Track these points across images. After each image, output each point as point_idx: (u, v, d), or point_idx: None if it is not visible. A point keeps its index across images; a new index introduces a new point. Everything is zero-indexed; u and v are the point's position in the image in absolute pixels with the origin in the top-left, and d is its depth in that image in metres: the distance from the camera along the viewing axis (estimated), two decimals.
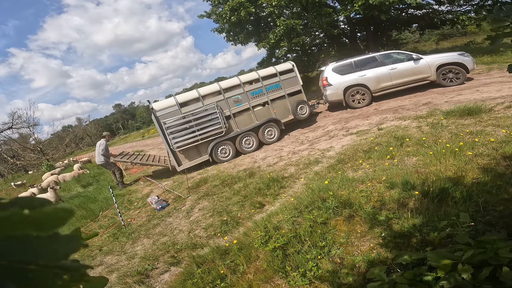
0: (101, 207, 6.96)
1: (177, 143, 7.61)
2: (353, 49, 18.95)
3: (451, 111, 5.98)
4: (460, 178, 3.37)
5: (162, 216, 5.49)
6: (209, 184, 6.44)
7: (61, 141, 32.66)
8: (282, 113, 9.05)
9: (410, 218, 2.92)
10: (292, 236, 3.20)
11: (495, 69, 9.92)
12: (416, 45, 34.02)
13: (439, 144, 4.51)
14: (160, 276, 3.66)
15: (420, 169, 3.93)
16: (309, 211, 3.58)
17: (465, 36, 32.62)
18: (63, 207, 0.42)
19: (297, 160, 6.29)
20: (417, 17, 17.20)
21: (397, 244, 2.63)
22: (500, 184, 3.04)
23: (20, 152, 24.99)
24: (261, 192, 5.04)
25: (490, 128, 4.77)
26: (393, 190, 3.57)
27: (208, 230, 4.39)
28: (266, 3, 14.57)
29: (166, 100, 7.99)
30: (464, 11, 16.09)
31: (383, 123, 6.88)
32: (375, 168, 4.46)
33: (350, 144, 6.10)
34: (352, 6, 13.70)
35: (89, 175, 12.46)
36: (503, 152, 3.77)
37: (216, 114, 7.94)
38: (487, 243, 1.72)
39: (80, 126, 63.91)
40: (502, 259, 1.56)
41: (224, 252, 3.52)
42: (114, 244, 4.95)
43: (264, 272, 2.93)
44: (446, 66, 8.80)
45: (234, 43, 19.03)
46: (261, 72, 8.97)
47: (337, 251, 2.86)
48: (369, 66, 9.49)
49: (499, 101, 6.02)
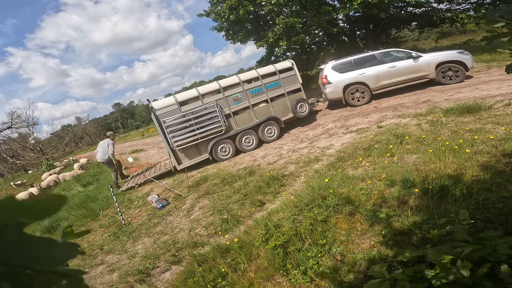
0: (102, 206, 6.98)
1: (177, 142, 7.61)
2: (352, 47, 18.95)
3: (450, 109, 5.99)
4: (460, 176, 3.38)
5: (163, 215, 5.51)
6: (209, 182, 6.45)
7: (60, 141, 32.60)
8: (282, 111, 9.06)
9: (410, 215, 2.93)
10: (292, 234, 3.21)
11: (495, 67, 9.92)
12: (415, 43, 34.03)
13: (439, 142, 4.52)
14: (161, 274, 3.68)
15: (420, 167, 3.94)
16: (310, 209, 3.59)
17: (464, 34, 32.55)
18: (56, 194, 0.42)
19: (297, 158, 6.30)
20: (416, 15, 17.22)
21: (397, 242, 2.64)
22: (500, 181, 3.05)
23: (19, 151, 24.98)
24: (261, 190, 5.06)
25: (489, 125, 4.78)
26: (393, 187, 3.58)
27: (208, 228, 4.40)
28: (265, 2, 14.56)
29: (166, 99, 7.98)
30: (463, 9, 16.12)
31: (383, 121, 6.89)
32: (375, 166, 4.47)
33: (350, 142, 6.11)
34: (351, 4, 13.70)
35: (89, 174, 12.46)
36: (502, 150, 3.78)
37: (216, 113, 7.94)
38: (486, 240, 1.73)
39: (79, 125, 63.74)
40: (500, 256, 1.57)
41: (225, 251, 3.53)
42: (115, 243, 4.96)
43: (265, 270, 2.94)
44: (446, 64, 8.80)
45: (233, 42, 19.04)
46: (260, 70, 8.96)
47: (337, 249, 2.87)
48: (368, 64, 9.49)
49: (499, 99, 6.03)
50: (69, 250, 0.42)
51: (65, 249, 0.42)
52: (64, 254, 0.41)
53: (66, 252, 0.42)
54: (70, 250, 0.42)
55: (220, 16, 16.07)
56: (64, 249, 0.42)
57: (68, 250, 0.42)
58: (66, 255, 0.42)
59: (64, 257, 0.41)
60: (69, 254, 0.42)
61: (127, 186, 7.99)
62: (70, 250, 0.42)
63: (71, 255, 0.42)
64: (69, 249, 0.42)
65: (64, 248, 0.42)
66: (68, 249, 0.42)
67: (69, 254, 0.42)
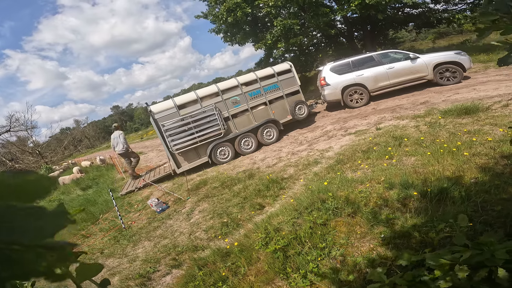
0: (101, 210, 6.97)
1: (176, 145, 7.62)
2: (350, 49, 19.00)
3: (448, 110, 6.02)
4: (458, 178, 3.40)
5: (163, 218, 5.51)
6: (208, 186, 6.46)
7: (59, 144, 32.57)
8: (281, 113, 9.07)
9: (409, 218, 2.95)
10: (292, 237, 3.22)
11: (492, 67, 9.96)
12: (413, 43, 34.10)
13: (437, 144, 4.54)
14: (162, 278, 3.68)
15: (419, 169, 3.96)
16: (309, 212, 3.60)
17: (461, 34, 32.66)
18: (45, 175, 0.41)
19: (296, 161, 6.31)
20: (413, 16, 17.29)
21: (396, 245, 2.66)
22: (498, 183, 3.07)
23: (18, 155, 24.91)
24: (260, 193, 5.07)
25: (487, 127, 4.80)
26: (392, 190, 3.59)
27: (208, 232, 4.41)
28: (263, 4, 14.59)
29: (164, 103, 7.99)
30: (459, 9, 16.20)
31: (381, 123, 6.92)
32: (374, 169, 4.48)
33: (349, 144, 6.12)
34: (349, 5, 13.76)
35: (89, 178, 12.45)
36: (500, 151, 3.80)
37: (215, 116, 7.95)
38: (484, 245, 1.75)
39: (78, 128, 63.60)
40: (498, 261, 1.58)
41: (225, 254, 3.54)
42: (115, 247, 4.96)
43: (265, 273, 2.95)
44: (443, 65, 8.84)
45: (231, 44, 19.05)
46: (259, 72, 8.97)
47: (337, 252, 2.88)
48: (366, 65, 9.53)
49: (496, 100, 6.06)
50: (59, 219, 0.39)
51: (54, 219, 0.39)
52: (53, 225, 0.38)
53: (55, 222, 0.39)
54: (60, 220, 0.39)
55: (218, 18, 16.09)
56: (53, 218, 0.39)
57: (58, 219, 0.39)
58: (55, 225, 0.38)
59: (54, 228, 0.38)
60: (59, 224, 0.39)
61: (126, 190, 7.99)
62: (60, 219, 0.39)
63: (61, 225, 0.39)
64: (58, 218, 0.39)
65: (53, 218, 0.39)
66: (57, 218, 0.39)
67: (58, 224, 0.39)
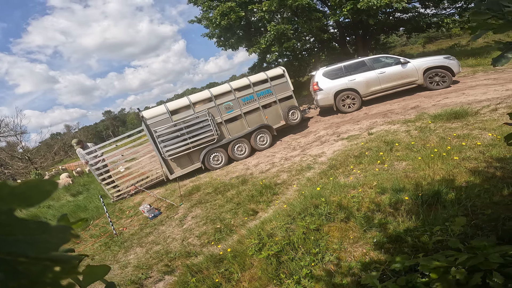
0: (92, 216, 6.87)
1: (168, 151, 7.57)
2: (342, 53, 19.23)
3: (438, 114, 6.10)
4: (449, 182, 3.44)
5: (155, 224, 5.45)
6: (201, 191, 6.42)
7: (49, 149, 32.06)
8: (274, 119, 9.08)
9: (401, 223, 2.97)
10: (285, 243, 3.22)
11: (480, 71, 10.16)
12: (403, 48, 34.68)
13: (428, 148, 4.60)
14: (154, 285, 3.64)
15: (410, 174, 4.00)
16: (302, 218, 3.60)
17: (450, 38, 33.35)
18: (47, 180, 0.41)
19: (289, 166, 6.32)
20: (403, 21, 17.58)
21: (389, 250, 2.67)
22: (487, 187, 3.12)
23: (7, 160, 24.50)
24: (254, 199, 5.05)
25: (476, 131, 4.88)
26: (384, 195, 3.62)
27: (201, 238, 4.38)
28: (257, 9, 14.70)
29: (157, 108, 7.94)
30: (448, 14, 16.52)
31: (373, 128, 6.98)
32: (366, 174, 4.51)
33: (341, 150, 6.16)
34: (341, 10, 13.95)
35: (79, 184, 12.29)
36: (490, 156, 3.86)
37: (208, 121, 7.92)
38: (477, 249, 1.76)
39: (69, 134, 62.81)
40: (492, 265, 1.60)
41: (218, 260, 3.52)
42: (106, 253, 4.89)
43: (258, 280, 2.94)
44: (433, 69, 8.99)
45: (225, 48, 19.10)
46: (252, 78, 8.98)
47: (330, 258, 2.88)
48: (358, 70, 9.62)
49: (485, 104, 6.17)
50: (63, 234, 0.40)
51: (58, 233, 0.40)
52: (58, 238, 0.40)
53: (59, 236, 0.40)
54: (64, 234, 0.41)
55: (212, 22, 16.13)
56: (58, 232, 0.40)
57: (62, 234, 0.40)
58: (60, 239, 0.40)
59: (58, 242, 0.39)
60: (63, 238, 0.40)
61: (117, 196, 7.90)
62: (64, 233, 0.41)
63: (65, 239, 0.40)
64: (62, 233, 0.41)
65: (58, 232, 0.40)
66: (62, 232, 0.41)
67: (63, 238, 0.40)
